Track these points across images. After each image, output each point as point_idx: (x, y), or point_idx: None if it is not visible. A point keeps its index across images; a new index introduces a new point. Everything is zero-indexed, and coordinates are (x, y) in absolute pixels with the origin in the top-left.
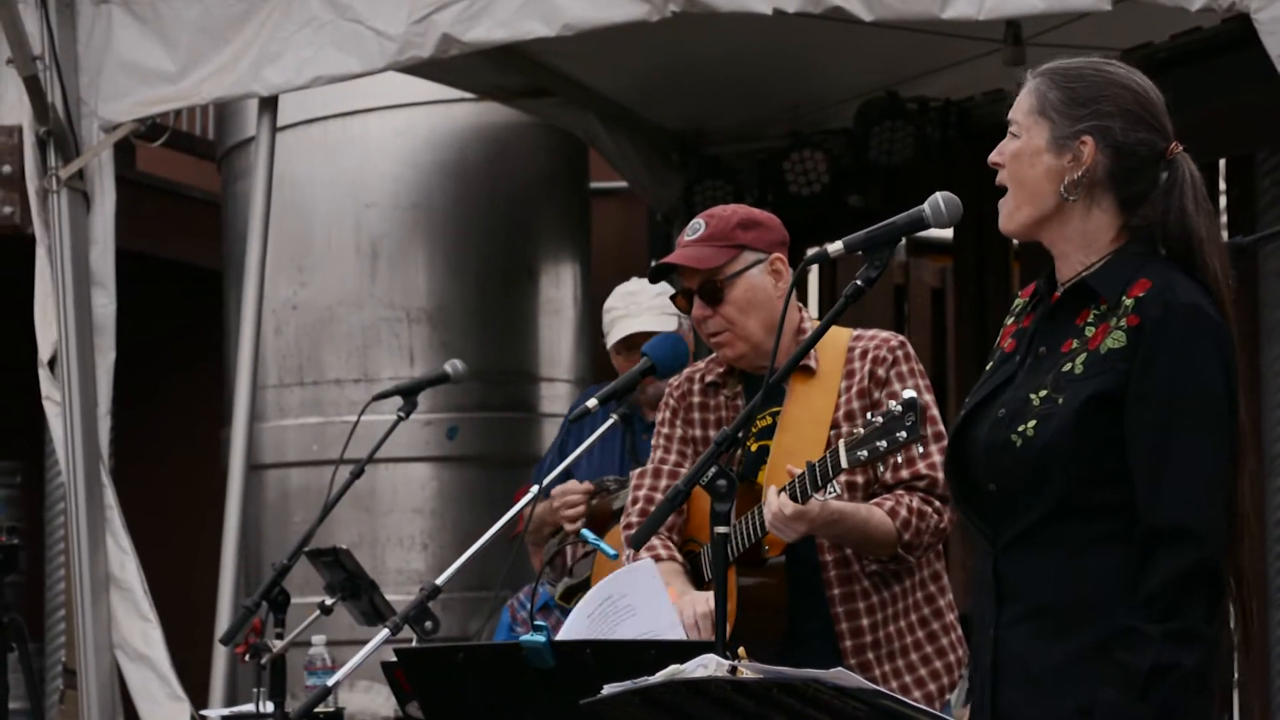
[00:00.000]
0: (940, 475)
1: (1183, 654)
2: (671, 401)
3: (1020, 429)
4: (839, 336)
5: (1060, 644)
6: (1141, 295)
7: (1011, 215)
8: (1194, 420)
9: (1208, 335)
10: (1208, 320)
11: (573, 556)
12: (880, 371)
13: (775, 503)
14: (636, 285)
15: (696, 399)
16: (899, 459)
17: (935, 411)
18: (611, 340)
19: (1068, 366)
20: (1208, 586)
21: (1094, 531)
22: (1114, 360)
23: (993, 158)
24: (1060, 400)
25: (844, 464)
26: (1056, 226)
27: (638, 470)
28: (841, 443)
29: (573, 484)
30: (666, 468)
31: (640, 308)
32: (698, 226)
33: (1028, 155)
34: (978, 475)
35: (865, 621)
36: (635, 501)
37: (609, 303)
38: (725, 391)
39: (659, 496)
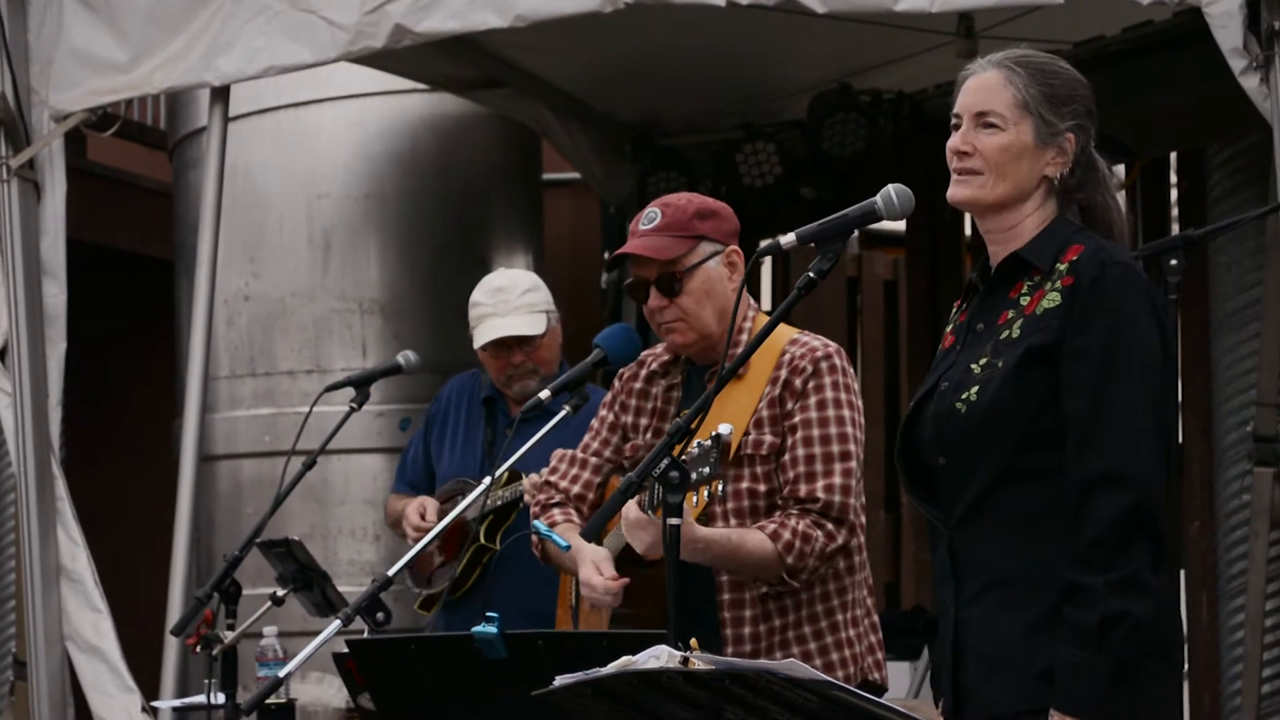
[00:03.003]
0: (837, 498)
1: (1130, 603)
2: (617, 385)
3: (964, 396)
4: (778, 338)
5: (1018, 616)
6: (1075, 258)
7: (991, 189)
8: (1129, 374)
9: (1141, 292)
10: (1140, 278)
11: (431, 566)
12: (797, 382)
13: (630, 506)
14: (505, 280)
15: (639, 385)
16: (796, 474)
17: (846, 430)
18: (477, 342)
19: (1005, 334)
20: (1146, 531)
21: (1042, 498)
22: (1050, 318)
23: (961, 146)
24: (999, 364)
25: (664, 487)
26: (1015, 212)
27: (558, 453)
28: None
29: (417, 515)
30: (585, 455)
31: (509, 306)
32: (653, 216)
33: (1018, 149)
34: (928, 455)
35: (748, 630)
36: (541, 484)
37: (475, 297)
38: (664, 381)
39: (560, 483)
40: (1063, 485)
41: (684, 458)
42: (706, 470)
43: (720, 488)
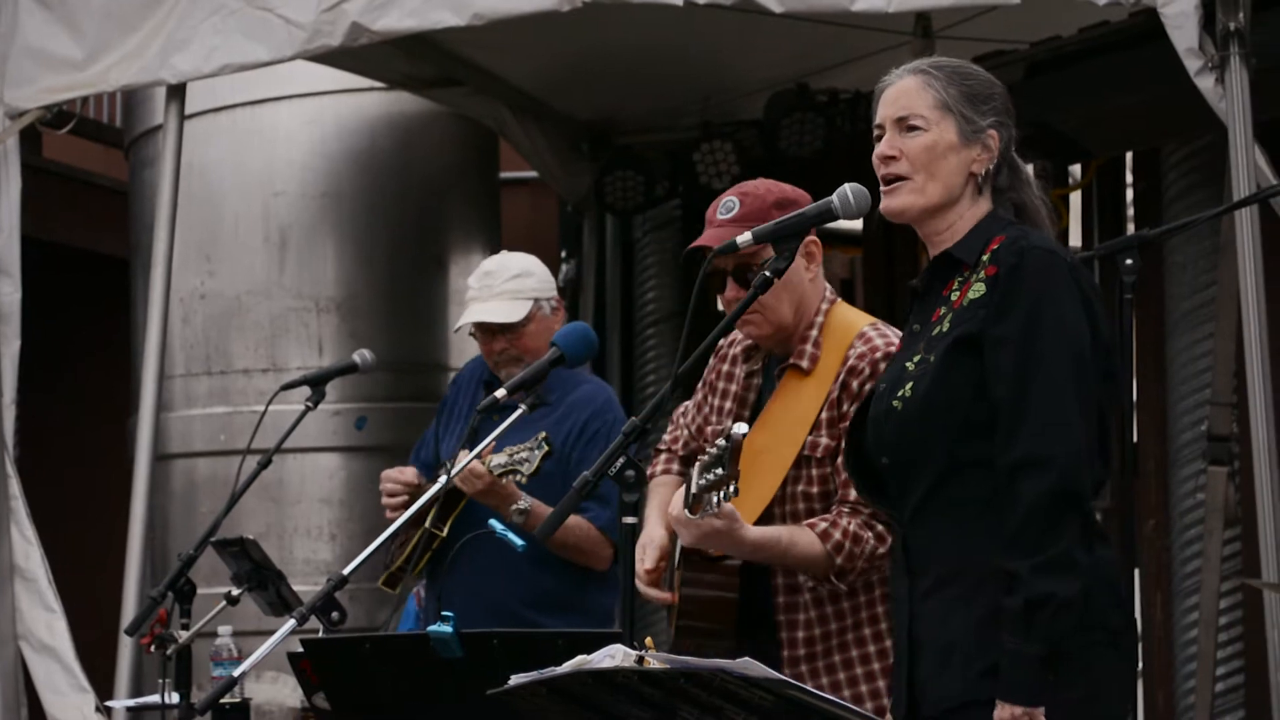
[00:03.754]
0: None
1: (1054, 583)
2: (711, 362)
3: (899, 394)
4: (848, 330)
5: (969, 609)
6: (996, 247)
7: (920, 193)
8: (1051, 358)
9: (1063, 275)
10: (1062, 262)
11: (399, 543)
12: (854, 384)
13: (675, 502)
14: (496, 264)
15: (725, 367)
16: (848, 476)
17: None
18: (458, 324)
19: (937, 330)
20: (1073, 512)
21: (985, 489)
22: (975, 309)
23: (886, 151)
24: (931, 359)
25: (692, 489)
26: (948, 214)
27: (680, 408)
28: (697, 465)
29: (397, 472)
30: (685, 420)
31: (492, 292)
32: (731, 205)
33: (942, 148)
34: (872, 455)
35: (802, 634)
36: (660, 447)
37: (469, 279)
38: (745, 366)
39: (673, 448)
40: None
41: (702, 457)
42: (720, 472)
43: (733, 489)
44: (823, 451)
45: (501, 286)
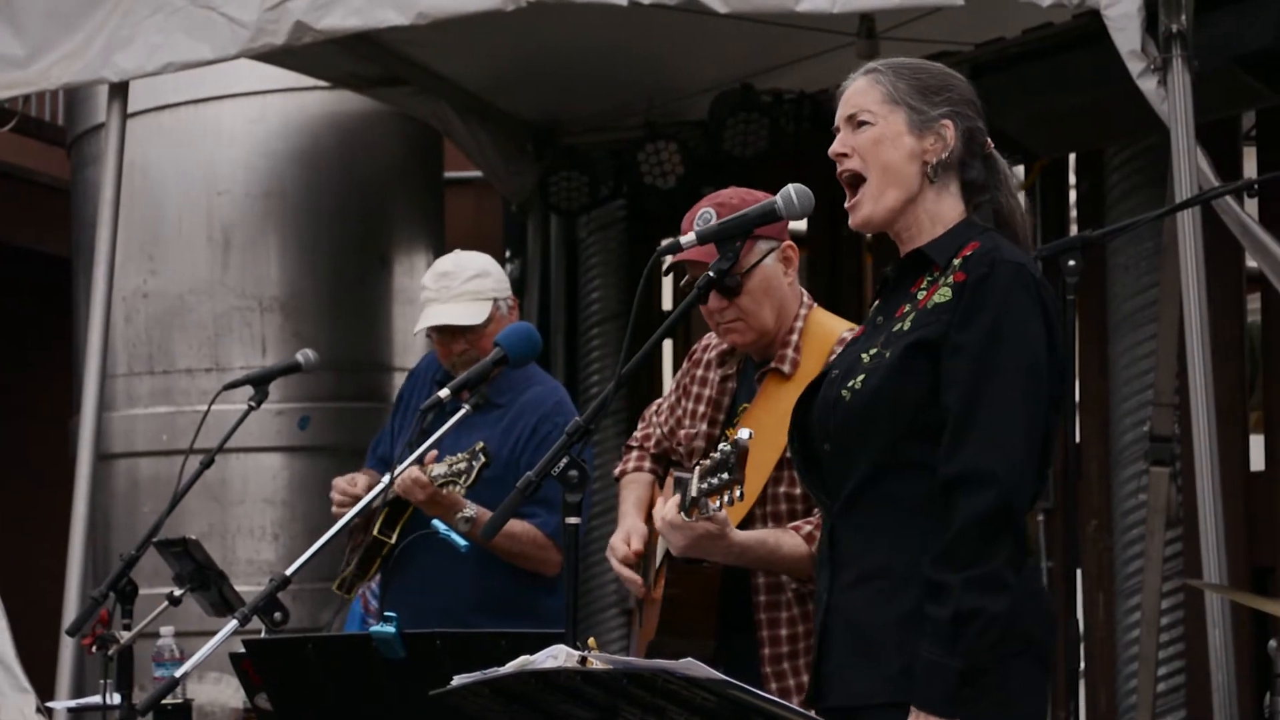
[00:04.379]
0: None
1: (985, 600)
2: (685, 365)
3: (850, 384)
4: (828, 336)
5: (889, 607)
6: (968, 254)
7: (878, 200)
8: (1006, 374)
9: (1029, 292)
10: (1030, 278)
11: (353, 546)
12: None
13: (669, 506)
14: (453, 264)
15: (699, 371)
16: None
17: None
18: (418, 326)
19: (898, 326)
20: (1008, 531)
21: (921, 491)
22: (938, 313)
23: (838, 149)
24: (887, 354)
25: (692, 493)
26: (911, 211)
27: (653, 405)
28: (697, 470)
29: (346, 483)
30: (658, 419)
31: (451, 293)
32: (708, 217)
33: (890, 139)
34: (815, 440)
35: (785, 632)
36: (630, 443)
37: (424, 280)
38: (720, 370)
39: (645, 445)
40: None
41: (704, 462)
42: (726, 476)
43: (738, 494)
44: None
45: (461, 287)
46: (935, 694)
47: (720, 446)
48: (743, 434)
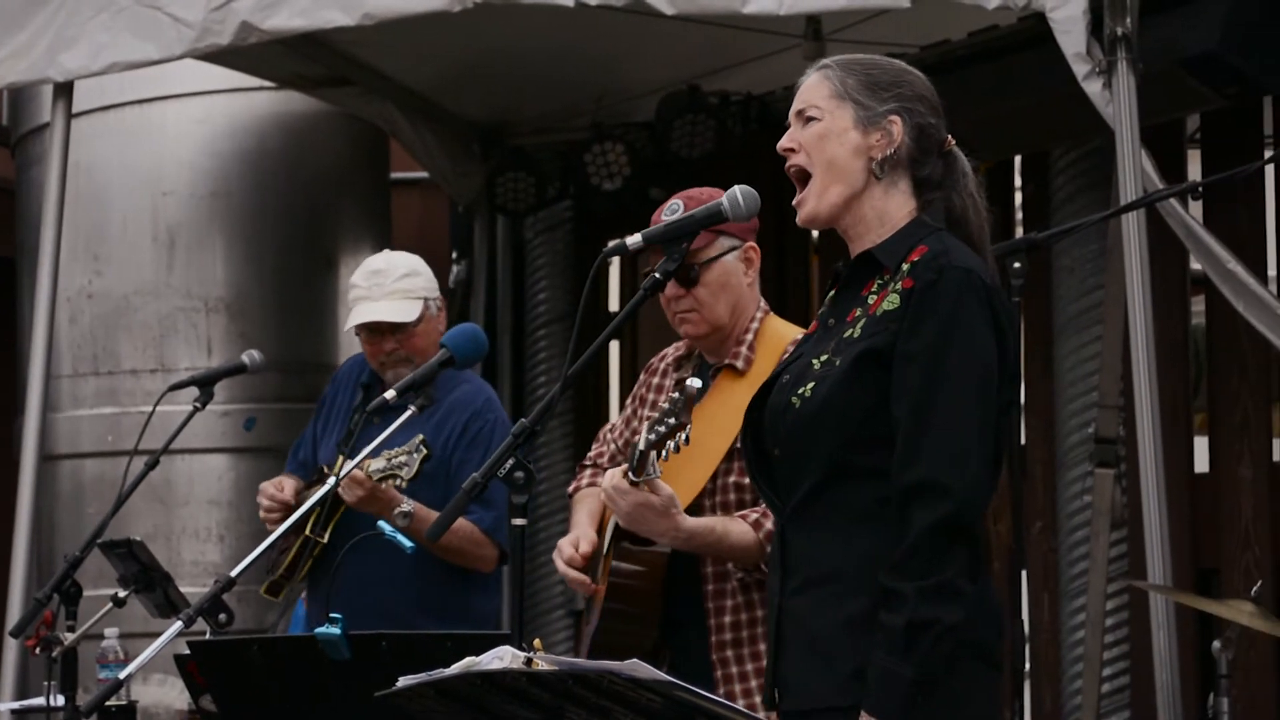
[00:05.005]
0: None
1: (940, 610)
2: (642, 377)
3: (800, 391)
4: (781, 340)
5: (838, 611)
6: (917, 259)
7: (822, 196)
8: (957, 382)
9: (978, 298)
10: (979, 284)
11: (283, 548)
12: None
13: (613, 472)
14: (384, 262)
15: (656, 380)
16: None
17: None
18: (349, 324)
19: (849, 332)
20: (963, 541)
21: (872, 497)
22: (887, 321)
23: (785, 144)
24: (837, 362)
25: (640, 446)
26: (857, 208)
27: (608, 425)
28: (646, 423)
29: (273, 488)
30: (613, 436)
31: (383, 291)
32: (675, 208)
33: (835, 134)
34: (765, 444)
35: (729, 619)
36: (585, 462)
37: (354, 278)
38: (675, 375)
39: (599, 462)
40: (891, 487)
41: (650, 416)
42: (673, 421)
43: (683, 438)
44: None
45: (392, 285)
46: (888, 701)
47: (669, 395)
48: (692, 381)
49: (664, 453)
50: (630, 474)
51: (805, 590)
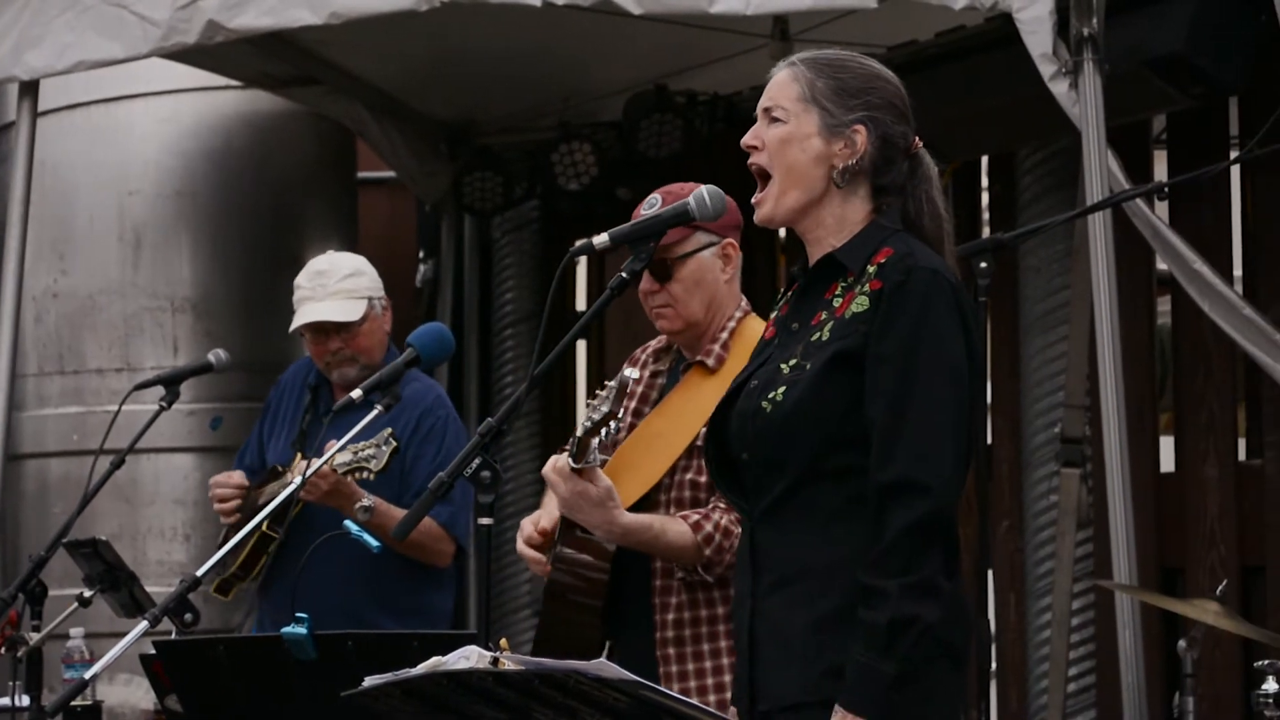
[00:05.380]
0: None
1: (921, 607)
2: (636, 354)
3: (770, 395)
4: (755, 334)
5: (812, 609)
6: (883, 261)
7: (779, 200)
8: (930, 381)
9: (947, 298)
10: (946, 284)
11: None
12: None
13: (556, 457)
14: (327, 263)
15: (639, 363)
16: None
17: None
18: (294, 324)
19: (816, 336)
20: (942, 538)
21: (844, 497)
22: (857, 323)
23: (749, 140)
24: (808, 366)
25: (578, 431)
26: (815, 213)
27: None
28: (586, 409)
29: (225, 477)
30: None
31: (326, 291)
32: (654, 202)
33: (798, 140)
34: (732, 448)
35: (672, 617)
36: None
37: (298, 279)
38: (653, 367)
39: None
40: (864, 486)
41: (589, 402)
42: (605, 409)
43: (615, 426)
44: None
45: (336, 285)
46: (867, 696)
47: (607, 383)
48: (628, 371)
49: (597, 442)
50: (571, 460)
51: (778, 590)
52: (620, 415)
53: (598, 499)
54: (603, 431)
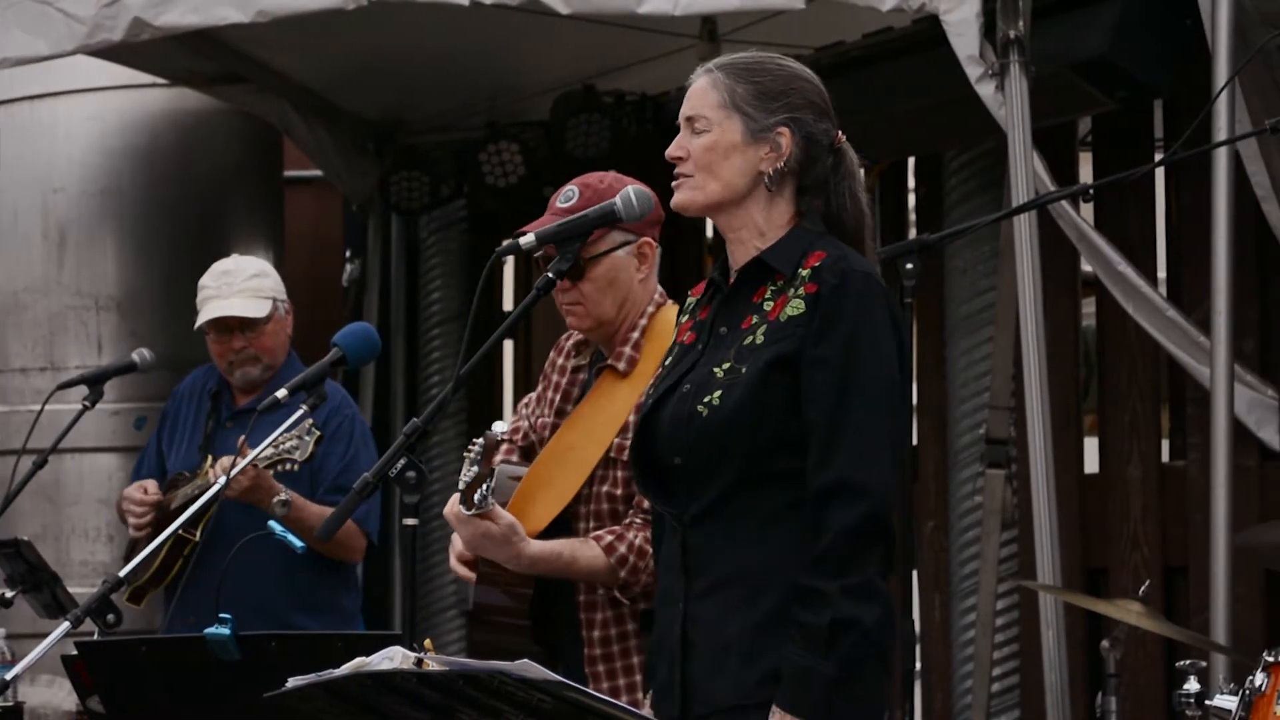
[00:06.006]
0: None
1: (860, 609)
2: (551, 355)
3: (706, 400)
4: (670, 336)
5: (747, 613)
6: (817, 265)
7: (701, 188)
8: (868, 384)
9: (880, 302)
10: (880, 287)
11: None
12: None
13: (451, 502)
14: (232, 264)
15: (560, 360)
16: None
17: None
18: (198, 322)
19: (749, 339)
20: (879, 540)
21: (779, 500)
22: (793, 326)
23: (673, 153)
24: (743, 370)
25: (460, 486)
26: (739, 211)
27: (525, 399)
28: (465, 461)
29: (139, 491)
30: (526, 411)
31: (232, 289)
32: (570, 195)
33: (723, 148)
34: (663, 453)
35: (598, 634)
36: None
37: (202, 280)
38: (574, 360)
39: (513, 439)
40: (800, 489)
41: (467, 454)
42: (475, 470)
43: (486, 489)
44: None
45: (241, 285)
46: (807, 697)
47: (474, 440)
48: (496, 426)
49: (477, 497)
50: (463, 509)
51: (712, 594)
52: (492, 475)
53: (501, 537)
54: (481, 489)
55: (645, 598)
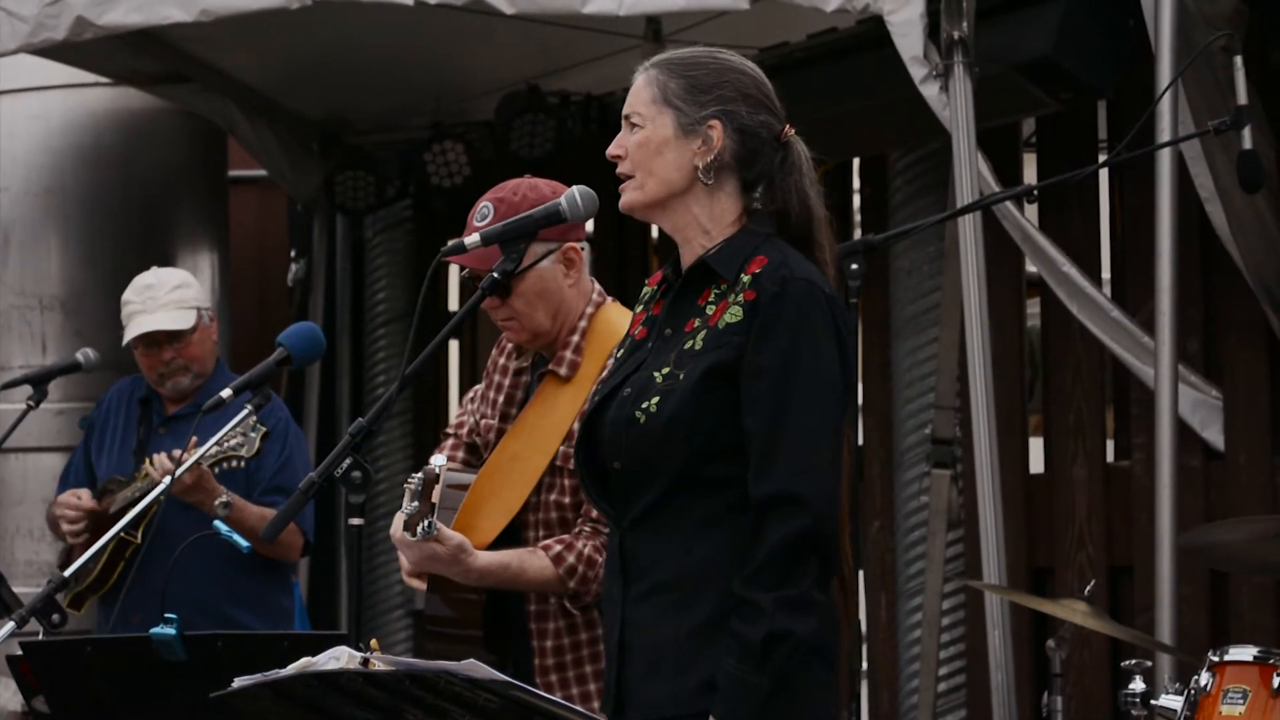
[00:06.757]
0: None
1: (795, 622)
2: (494, 353)
3: (644, 405)
4: (612, 336)
5: (683, 619)
6: (758, 271)
7: (641, 186)
8: (807, 394)
9: (821, 309)
10: (821, 295)
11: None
12: None
13: (395, 523)
14: (154, 278)
15: (501, 360)
16: None
17: None
18: (126, 338)
19: (689, 344)
20: (817, 553)
21: (716, 506)
22: (730, 334)
23: (612, 151)
24: (681, 376)
25: (401, 517)
26: (681, 209)
27: (470, 391)
28: (407, 493)
29: (74, 498)
30: (471, 407)
31: (156, 303)
32: (485, 213)
33: (655, 144)
34: (604, 455)
35: (550, 643)
36: (447, 430)
37: (125, 295)
38: (516, 362)
39: (459, 433)
40: (739, 494)
41: (408, 485)
42: (416, 505)
43: (427, 524)
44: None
45: (166, 297)
46: (740, 711)
47: (412, 476)
48: (435, 460)
49: (420, 530)
50: (408, 535)
51: (649, 598)
52: (433, 510)
53: (449, 556)
54: (423, 524)
55: (597, 607)
